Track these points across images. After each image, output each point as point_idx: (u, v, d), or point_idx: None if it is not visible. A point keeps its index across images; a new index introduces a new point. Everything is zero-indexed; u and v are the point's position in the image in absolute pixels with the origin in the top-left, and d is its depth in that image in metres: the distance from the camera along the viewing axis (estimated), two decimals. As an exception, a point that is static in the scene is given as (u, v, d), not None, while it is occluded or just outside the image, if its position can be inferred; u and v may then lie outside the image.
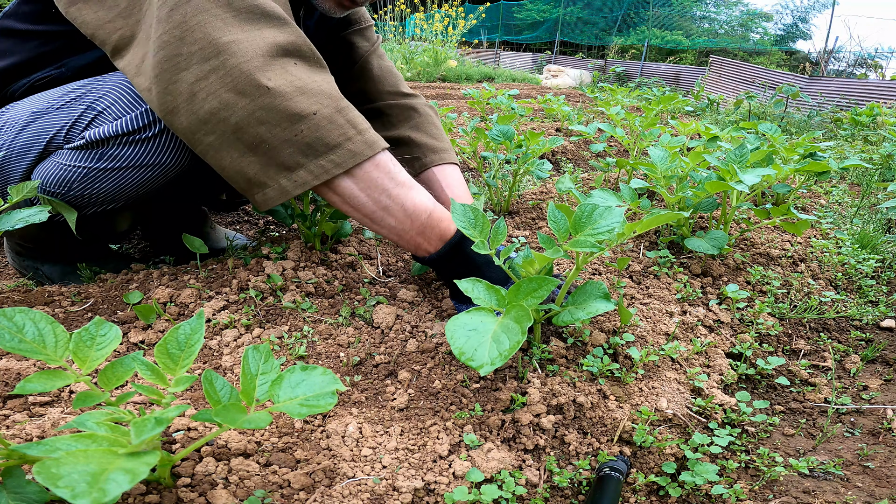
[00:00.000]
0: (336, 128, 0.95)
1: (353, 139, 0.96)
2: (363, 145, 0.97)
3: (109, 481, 0.47)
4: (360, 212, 1.03)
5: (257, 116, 0.91)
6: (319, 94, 0.95)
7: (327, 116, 0.94)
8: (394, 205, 1.02)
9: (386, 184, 1.01)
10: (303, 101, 0.93)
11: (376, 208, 1.02)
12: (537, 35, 17.66)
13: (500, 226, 1.06)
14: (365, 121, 1.00)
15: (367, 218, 1.03)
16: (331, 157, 0.95)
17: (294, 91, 0.92)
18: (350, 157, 0.96)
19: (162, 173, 1.15)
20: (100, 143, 1.07)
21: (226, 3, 0.92)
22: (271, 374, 0.69)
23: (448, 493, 0.78)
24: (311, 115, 0.93)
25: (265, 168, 0.96)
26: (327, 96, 0.95)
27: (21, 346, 0.65)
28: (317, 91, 0.95)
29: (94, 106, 1.08)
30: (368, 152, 0.97)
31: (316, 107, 0.93)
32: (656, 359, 1.12)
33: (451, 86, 8.08)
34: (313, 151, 0.95)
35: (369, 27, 1.57)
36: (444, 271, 1.13)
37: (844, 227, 2.15)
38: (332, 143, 0.95)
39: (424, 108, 1.59)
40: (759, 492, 0.92)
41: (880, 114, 4.49)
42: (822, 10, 18.50)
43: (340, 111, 0.96)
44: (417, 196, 1.04)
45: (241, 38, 0.91)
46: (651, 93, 5.85)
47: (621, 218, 0.97)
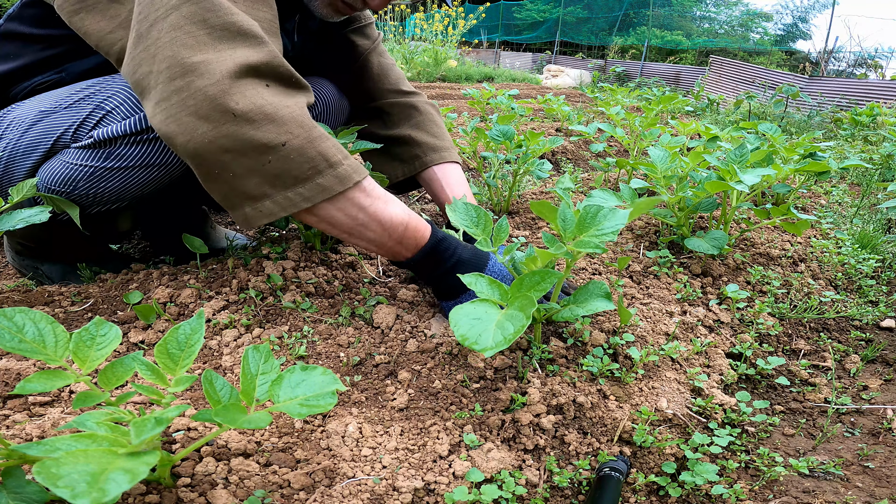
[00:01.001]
0: (306, 161, 0.91)
1: (324, 173, 0.93)
2: (334, 180, 0.93)
3: (109, 481, 0.47)
4: (337, 228, 1.01)
5: (220, 144, 0.87)
6: (290, 121, 0.90)
7: (297, 148, 0.90)
8: (371, 221, 1.01)
9: (363, 202, 0.99)
10: (271, 129, 0.88)
11: (354, 224, 1.00)
12: (537, 35, 17.66)
13: (503, 225, 1.06)
14: (340, 151, 0.96)
15: (344, 234, 1.02)
16: (299, 189, 0.92)
17: (263, 118, 0.88)
18: (320, 192, 0.93)
19: (167, 173, 1.15)
20: (107, 142, 1.07)
21: (201, 21, 0.89)
22: (271, 374, 0.69)
23: (448, 493, 0.78)
24: (280, 145, 0.89)
25: (228, 196, 0.93)
26: (298, 125, 0.91)
27: (21, 346, 0.65)
28: (288, 119, 0.90)
29: (102, 105, 1.08)
30: (339, 187, 0.94)
31: (285, 136, 0.89)
32: (656, 359, 1.12)
33: (451, 86, 8.08)
34: (281, 183, 0.91)
35: (369, 24, 1.56)
36: (420, 272, 1.15)
37: (844, 227, 2.15)
38: (301, 177, 0.91)
39: (425, 107, 1.58)
40: (759, 492, 0.92)
41: (880, 114, 4.49)
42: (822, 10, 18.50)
43: (312, 142, 0.91)
44: (393, 209, 1.04)
45: (210, 59, 0.86)
46: (651, 93, 5.85)
47: (625, 220, 0.98)
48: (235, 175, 0.90)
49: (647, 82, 10.31)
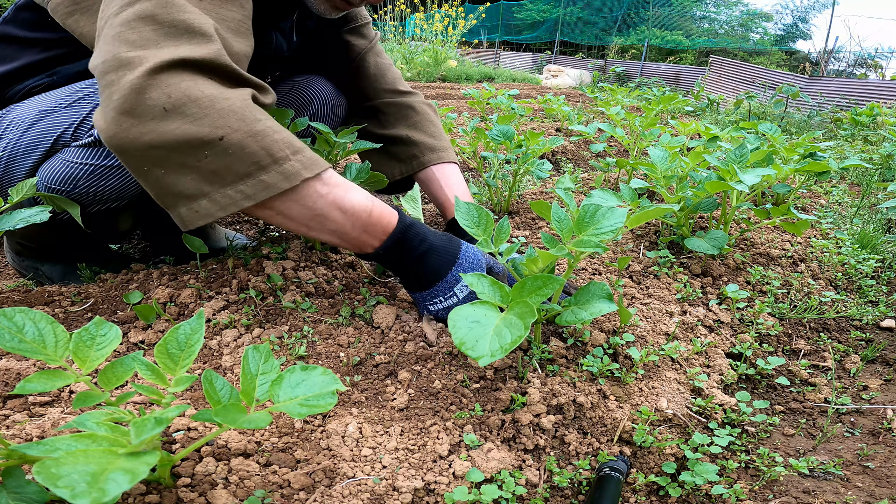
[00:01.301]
0: (247, 156, 0.84)
1: (268, 169, 0.86)
2: (279, 177, 0.87)
3: (109, 481, 0.47)
4: (294, 222, 0.95)
5: (147, 140, 0.81)
6: (229, 115, 0.83)
7: (237, 143, 0.83)
8: (331, 209, 0.95)
9: (319, 190, 0.93)
10: (206, 123, 0.82)
11: (311, 216, 0.94)
12: (537, 35, 17.67)
13: (504, 225, 1.06)
14: (289, 146, 0.89)
15: (302, 227, 0.96)
16: (240, 187, 0.85)
17: (197, 112, 0.81)
18: (263, 190, 0.86)
19: None
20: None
21: (149, 17, 0.85)
22: (271, 374, 0.69)
23: (448, 493, 0.78)
24: (217, 140, 0.82)
25: (162, 195, 0.87)
26: (238, 118, 0.84)
27: (21, 346, 0.65)
28: (226, 112, 0.83)
29: None
30: (284, 185, 0.87)
31: (223, 131, 0.82)
32: (656, 359, 1.12)
33: (451, 86, 8.08)
34: (220, 180, 0.84)
35: (366, 24, 1.56)
36: (391, 263, 1.09)
37: (844, 227, 2.15)
38: (242, 173, 0.85)
39: (422, 107, 1.58)
40: (759, 492, 0.92)
41: (880, 114, 4.49)
42: (822, 10, 18.51)
43: (254, 136, 0.84)
44: (355, 196, 0.98)
45: (146, 55, 0.81)
46: (651, 93, 5.85)
47: (624, 218, 0.97)
48: (168, 172, 0.83)
49: (647, 82, 10.31)
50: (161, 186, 0.85)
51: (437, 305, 1.10)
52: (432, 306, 1.11)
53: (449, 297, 1.09)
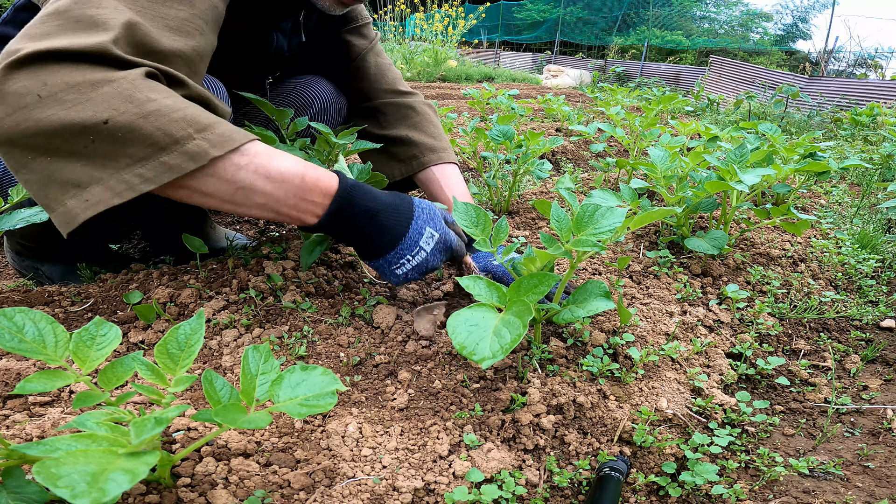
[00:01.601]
0: (141, 138, 0.78)
1: (168, 150, 0.79)
2: (182, 157, 0.79)
3: (109, 481, 0.47)
4: (216, 199, 0.87)
5: (24, 128, 0.75)
6: (114, 98, 0.77)
7: (125, 125, 0.77)
8: (256, 179, 0.86)
9: (238, 161, 0.85)
10: (87, 108, 0.76)
11: (234, 190, 0.86)
12: (537, 35, 17.67)
13: (502, 225, 1.06)
14: (193, 124, 0.81)
15: (227, 203, 0.88)
16: (139, 170, 0.78)
17: (76, 98, 0.76)
18: (165, 172, 0.79)
19: None
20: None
21: (63, 12, 0.81)
22: (271, 374, 0.69)
23: (448, 493, 0.78)
24: (101, 123, 0.76)
25: (45, 186, 0.78)
26: (125, 100, 0.77)
27: (21, 346, 0.65)
28: (111, 95, 0.77)
29: None
30: (190, 165, 0.80)
31: (107, 114, 0.76)
32: (656, 359, 1.12)
33: (451, 86, 8.08)
34: (112, 165, 0.78)
35: (366, 24, 1.56)
36: (341, 231, 0.99)
37: (844, 227, 2.15)
38: (138, 156, 0.78)
39: (422, 107, 1.58)
40: (759, 492, 0.92)
41: (880, 114, 4.49)
42: (822, 10, 18.51)
43: (146, 117, 0.77)
44: (283, 162, 0.90)
45: (28, 45, 0.76)
46: (651, 93, 5.86)
47: (623, 218, 0.97)
48: (54, 159, 0.77)
49: (647, 82, 10.31)
50: (46, 176, 0.78)
51: (405, 266, 1.03)
52: (400, 269, 1.03)
53: (416, 253, 1.02)
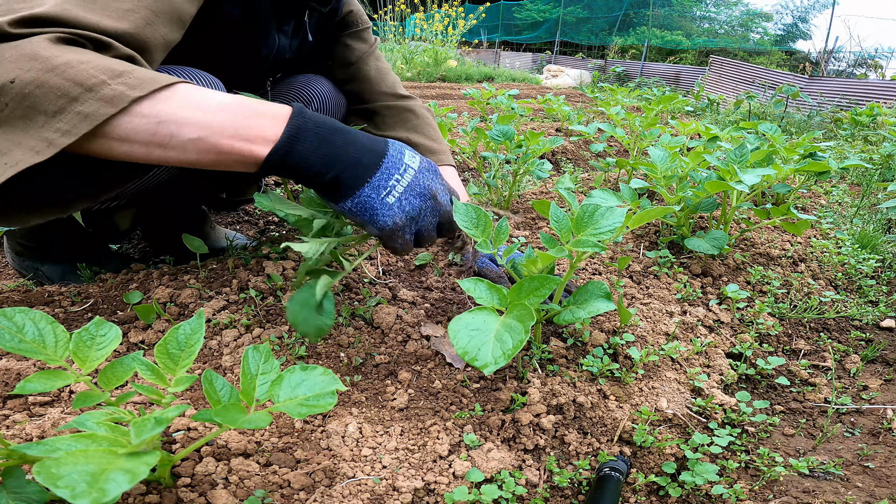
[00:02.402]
0: (51, 91, 0.72)
1: (80, 99, 0.72)
2: (99, 104, 0.72)
3: (109, 481, 0.47)
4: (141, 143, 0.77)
5: None
6: (19, 59, 0.72)
7: (32, 81, 0.71)
8: (183, 109, 0.76)
9: (163, 94, 0.76)
10: None
11: (157, 123, 0.75)
12: (537, 35, 17.67)
13: (503, 225, 1.06)
14: (107, 72, 0.73)
15: (156, 148, 0.77)
16: (56, 125, 0.72)
17: None
18: (82, 121, 0.72)
19: (167, 169, 1.16)
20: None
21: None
22: (271, 374, 0.69)
23: (448, 493, 0.78)
24: (8, 83, 0.71)
25: None
26: (30, 59, 0.71)
27: (21, 346, 0.65)
28: (15, 58, 0.71)
29: None
30: (108, 110, 0.72)
31: (13, 73, 0.71)
32: (656, 359, 1.12)
33: (451, 86, 8.08)
34: (29, 125, 0.73)
35: (366, 29, 1.57)
36: (307, 161, 0.81)
37: (844, 227, 2.15)
38: (52, 110, 0.72)
39: (421, 111, 1.59)
40: (759, 492, 0.92)
41: (880, 114, 4.49)
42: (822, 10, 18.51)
43: (53, 70, 0.72)
44: (219, 95, 0.80)
45: None
46: (651, 93, 5.86)
47: (623, 218, 0.97)
48: None
49: (647, 82, 10.31)
50: None
51: (396, 189, 0.84)
52: (391, 195, 0.84)
53: (404, 170, 0.85)
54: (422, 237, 0.91)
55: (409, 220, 0.86)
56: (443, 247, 1.56)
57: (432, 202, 0.89)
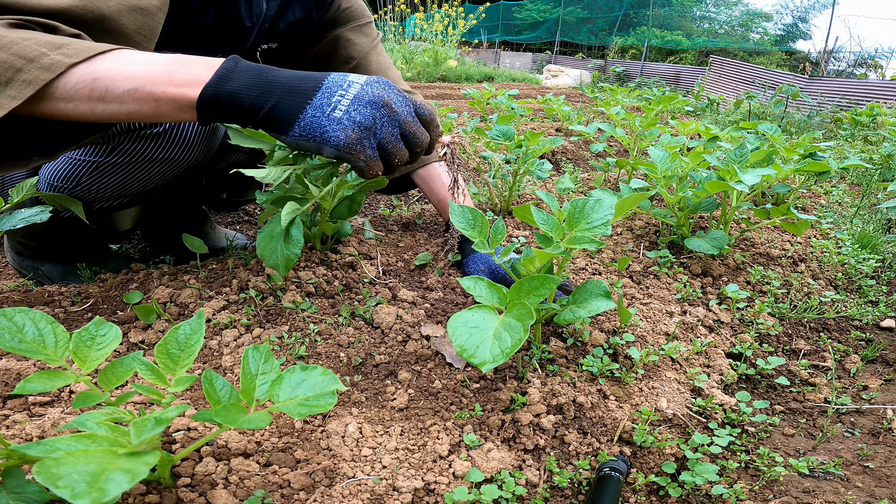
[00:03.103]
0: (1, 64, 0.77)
1: (24, 70, 0.78)
2: (39, 71, 0.77)
3: (109, 481, 0.47)
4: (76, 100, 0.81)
5: None
6: None
7: None
8: (119, 64, 0.80)
9: (99, 62, 0.80)
10: None
11: (91, 80, 0.80)
12: (537, 35, 17.67)
13: (499, 225, 1.06)
14: (48, 45, 0.79)
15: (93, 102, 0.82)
16: (8, 93, 0.78)
17: None
18: (27, 87, 0.77)
19: (169, 168, 1.16)
20: (112, 137, 1.07)
21: None
22: (271, 374, 0.69)
23: (448, 493, 0.78)
24: None
25: None
26: None
27: (21, 346, 0.65)
28: None
29: None
30: (46, 76, 0.77)
31: None
32: (656, 359, 1.12)
33: (451, 86, 8.08)
34: None
35: (368, 23, 1.56)
36: (242, 97, 0.82)
37: (844, 227, 2.15)
38: (2, 81, 0.77)
39: None
40: (759, 492, 0.92)
41: (880, 114, 4.49)
42: (822, 10, 18.51)
43: (2, 48, 0.77)
44: (153, 55, 0.83)
45: None
46: (651, 93, 5.86)
47: (613, 209, 0.98)
48: None
49: (647, 82, 10.31)
50: None
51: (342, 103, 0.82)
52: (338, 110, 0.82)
53: (348, 85, 0.84)
54: (386, 151, 0.86)
55: (364, 130, 0.82)
56: (442, 247, 1.56)
57: (386, 109, 0.84)
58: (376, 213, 1.90)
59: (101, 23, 0.89)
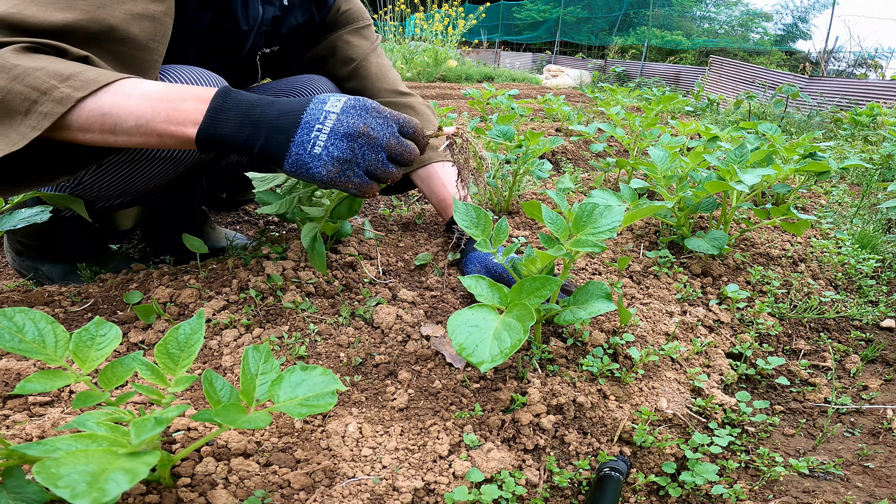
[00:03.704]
0: (17, 97, 0.83)
1: (39, 102, 0.83)
2: (53, 105, 0.83)
3: (109, 481, 0.47)
4: (91, 131, 0.87)
5: None
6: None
7: (3, 87, 0.82)
8: (121, 99, 0.85)
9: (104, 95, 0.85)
10: None
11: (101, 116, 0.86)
12: (537, 35, 17.67)
13: (502, 225, 1.06)
14: (57, 76, 0.84)
15: (106, 134, 0.88)
16: (28, 122, 0.83)
17: None
18: (43, 119, 0.83)
19: (173, 166, 1.16)
20: None
21: None
22: (271, 374, 0.69)
23: (448, 493, 0.78)
24: None
25: None
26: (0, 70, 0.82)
27: (21, 346, 0.65)
28: None
29: None
30: (59, 109, 0.82)
31: None
32: (656, 359, 1.12)
33: (451, 86, 8.08)
34: (9, 122, 0.84)
35: (368, 26, 1.57)
36: (232, 134, 0.86)
37: (844, 227, 2.15)
38: (22, 111, 0.83)
39: (421, 107, 1.59)
40: (759, 492, 0.92)
41: (880, 114, 4.49)
42: (822, 10, 18.50)
43: (17, 79, 0.82)
44: (150, 84, 0.88)
45: None
46: (651, 93, 5.86)
47: (621, 216, 0.97)
48: None
49: (647, 82, 10.31)
50: None
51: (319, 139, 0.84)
52: (316, 146, 0.84)
53: (324, 118, 0.85)
54: (375, 174, 0.88)
55: (345, 163, 0.85)
56: (442, 247, 1.56)
57: (364, 139, 0.86)
58: (376, 213, 1.90)
59: (110, 33, 0.93)
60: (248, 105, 0.87)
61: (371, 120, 0.87)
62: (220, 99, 0.86)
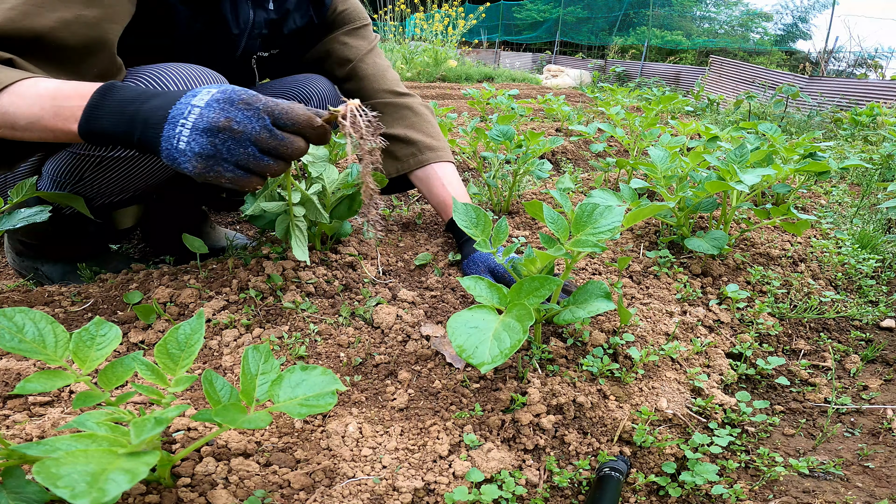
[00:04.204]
0: None
1: None
2: None
3: (109, 481, 0.47)
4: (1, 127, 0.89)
5: None
6: None
7: None
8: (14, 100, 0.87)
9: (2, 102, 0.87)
10: None
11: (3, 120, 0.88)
12: (537, 35, 17.66)
13: (502, 225, 1.06)
14: None
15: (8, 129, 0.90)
16: None
17: None
18: None
19: (165, 168, 1.16)
20: None
21: None
22: (271, 374, 0.69)
23: (448, 493, 0.78)
24: None
25: None
26: None
27: (21, 346, 0.65)
28: None
29: None
30: None
31: None
32: (656, 359, 1.12)
33: (451, 86, 8.08)
34: None
35: (366, 26, 1.56)
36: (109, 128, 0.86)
37: (844, 227, 2.15)
38: None
39: (420, 108, 1.58)
40: (759, 492, 0.92)
41: (880, 114, 4.49)
42: (822, 10, 18.50)
43: None
44: (44, 83, 0.89)
45: None
46: (651, 93, 5.86)
47: (622, 217, 0.97)
48: None
49: (647, 82, 10.31)
50: None
51: (183, 134, 0.82)
52: (181, 141, 0.82)
53: (188, 112, 0.83)
54: (250, 168, 0.85)
55: (208, 158, 0.82)
56: (442, 247, 1.56)
57: (226, 133, 0.82)
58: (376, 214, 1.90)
59: (37, 42, 0.94)
60: (126, 100, 0.86)
61: (236, 113, 0.83)
62: (98, 95, 0.86)
